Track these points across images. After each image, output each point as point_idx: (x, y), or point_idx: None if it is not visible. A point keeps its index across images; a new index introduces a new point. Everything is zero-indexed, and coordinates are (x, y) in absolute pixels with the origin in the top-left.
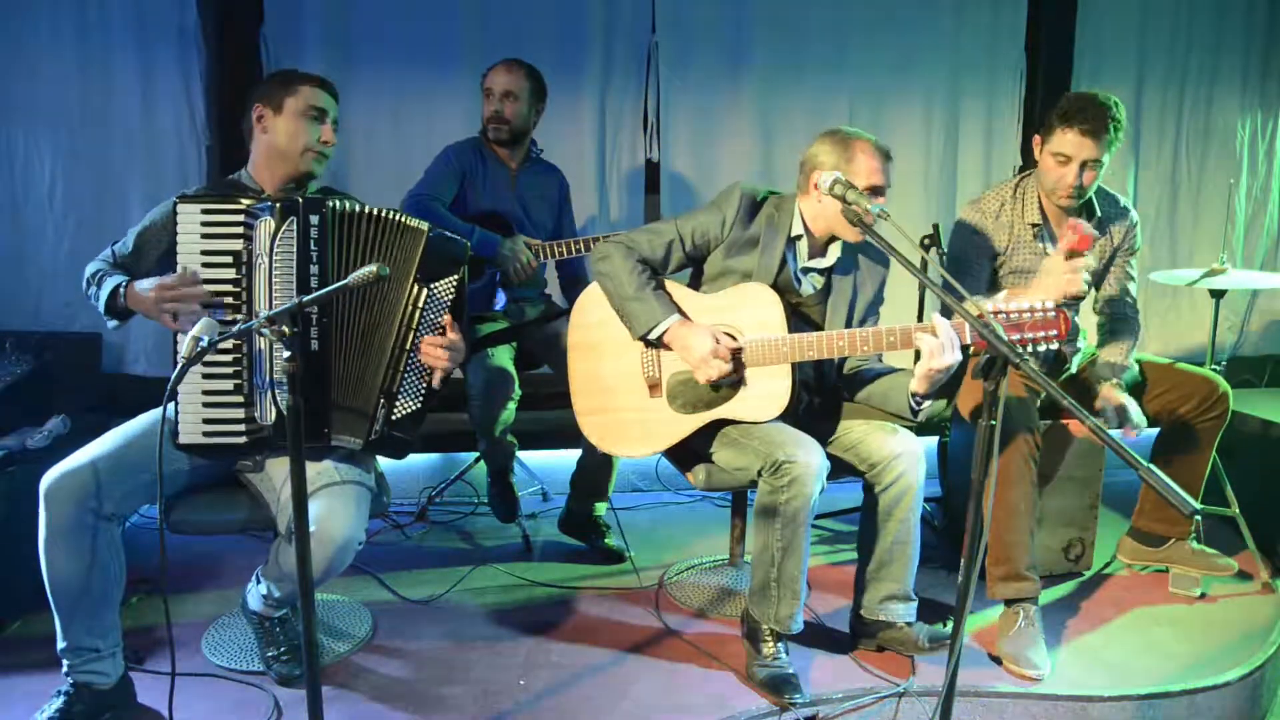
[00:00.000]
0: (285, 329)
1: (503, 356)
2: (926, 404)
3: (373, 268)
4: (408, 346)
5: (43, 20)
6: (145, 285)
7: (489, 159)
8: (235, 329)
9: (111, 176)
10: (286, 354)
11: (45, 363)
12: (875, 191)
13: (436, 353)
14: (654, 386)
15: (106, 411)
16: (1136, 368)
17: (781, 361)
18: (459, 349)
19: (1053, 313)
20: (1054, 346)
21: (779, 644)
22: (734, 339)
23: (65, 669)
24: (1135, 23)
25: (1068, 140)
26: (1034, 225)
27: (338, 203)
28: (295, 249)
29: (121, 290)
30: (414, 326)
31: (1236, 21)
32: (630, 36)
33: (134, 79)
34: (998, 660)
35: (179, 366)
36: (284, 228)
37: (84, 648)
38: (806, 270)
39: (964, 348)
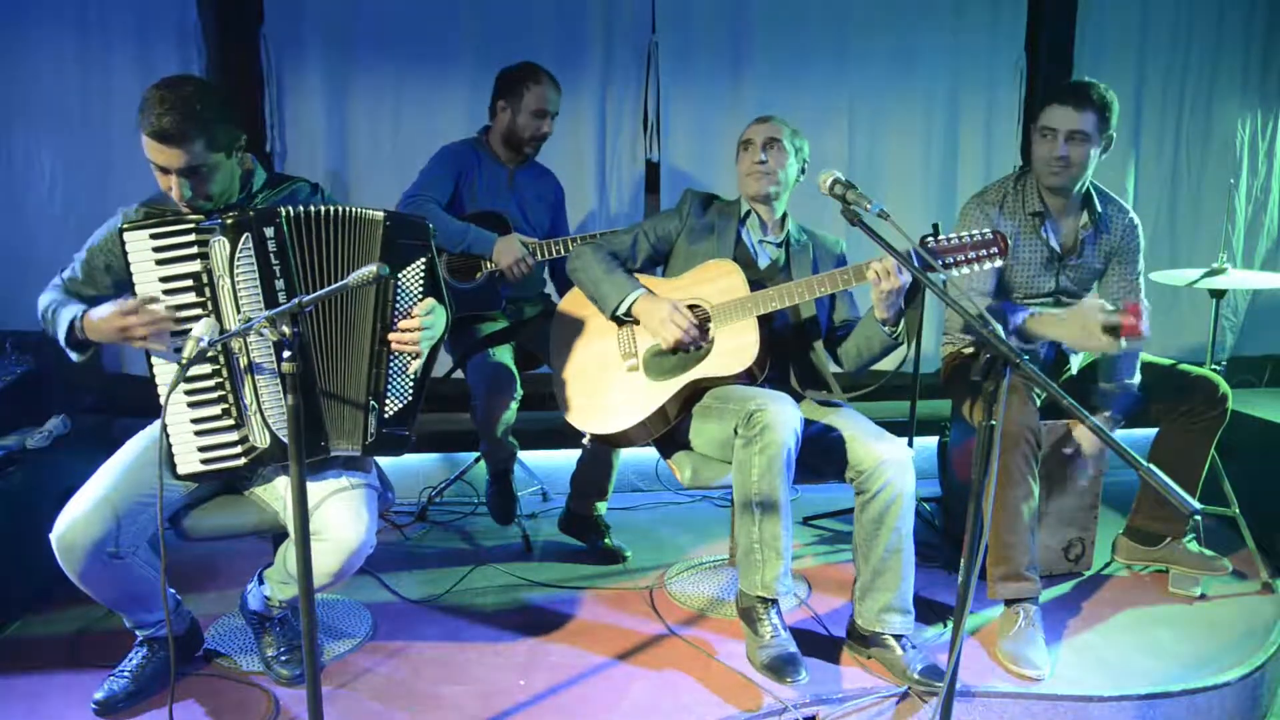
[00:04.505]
0: (286, 329)
1: (504, 356)
2: (899, 328)
3: (373, 267)
4: (387, 342)
5: (43, 20)
6: (102, 313)
7: (486, 160)
8: (235, 330)
9: (111, 176)
10: (287, 354)
11: (45, 363)
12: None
13: (403, 339)
14: (631, 363)
15: (106, 412)
16: (1139, 380)
17: (747, 316)
18: (431, 327)
19: (989, 234)
20: (998, 264)
21: (775, 620)
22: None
23: (137, 636)
24: (1135, 23)
25: (1052, 114)
26: (1034, 215)
27: (291, 209)
28: (256, 265)
29: (78, 324)
30: (388, 321)
31: (1236, 21)
32: (630, 36)
33: (134, 79)
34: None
35: (179, 368)
36: (240, 245)
37: (146, 623)
38: (762, 242)
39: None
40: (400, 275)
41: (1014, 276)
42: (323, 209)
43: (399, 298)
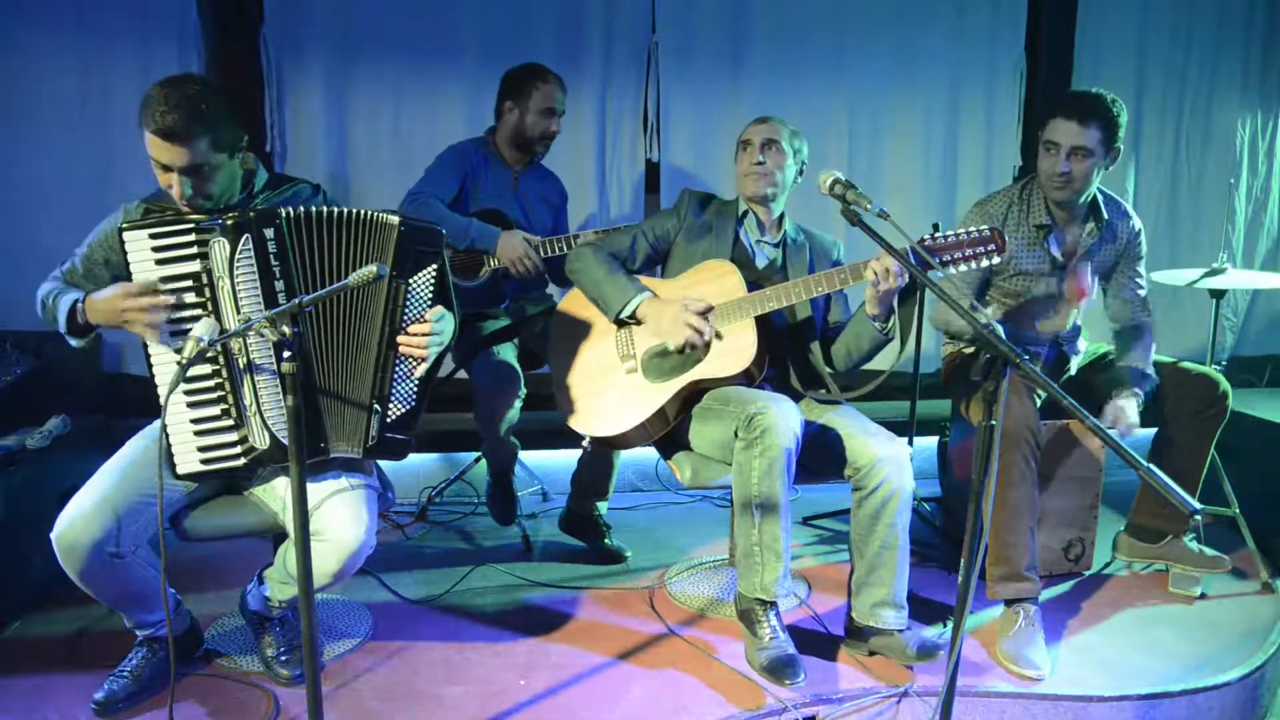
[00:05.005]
0: (286, 329)
1: (507, 354)
2: (890, 324)
3: (373, 268)
4: (395, 346)
5: (43, 20)
6: (105, 294)
7: (492, 161)
8: (235, 330)
9: (111, 176)
10: (287, 354)
11: (45, 363)
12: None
13: (412, 342)
14: (630, 365)
15: (106, 412)
16: (1156, 378)
17: (745, 316)
18: (440, 333)
19: (986, 231)
20: (995, 261)
21: (774, 621)
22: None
23: (137, 636)
24: (1135, 23)
25: (1056, 128)
26: (1039, 227)
27: (291, 211)
28: (256, 267)
29: (80, 306)
30: (397, 326)
31: (1236, 21)
32: (630, 36)
33: (134, 79)
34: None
35: (179, 368)
36: (240, 246)
37: (146, 623)
38: (759, 242)
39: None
40: (411, 281)
41: (1017, 285)
42: (333, 210)
43: (409, 303)
